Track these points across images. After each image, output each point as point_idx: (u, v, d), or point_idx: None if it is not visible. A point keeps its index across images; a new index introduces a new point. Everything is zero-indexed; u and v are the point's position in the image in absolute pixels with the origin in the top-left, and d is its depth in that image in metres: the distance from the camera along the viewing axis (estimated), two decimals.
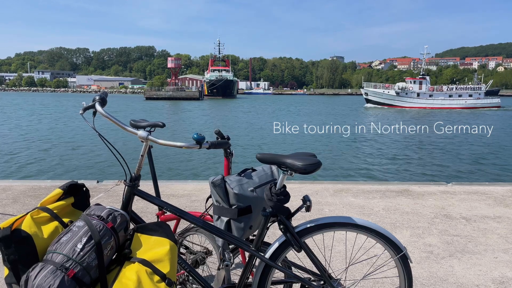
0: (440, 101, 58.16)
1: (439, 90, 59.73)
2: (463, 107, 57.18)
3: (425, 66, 63.93)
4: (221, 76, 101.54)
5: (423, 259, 3.55)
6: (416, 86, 59.29)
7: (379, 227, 1.89)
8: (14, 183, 6.07)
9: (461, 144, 21.81)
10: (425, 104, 58.12)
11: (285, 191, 1.84)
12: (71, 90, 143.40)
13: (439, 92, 59.01)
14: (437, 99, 58.40)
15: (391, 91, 60.14)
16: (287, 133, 25.66)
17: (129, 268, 1.57)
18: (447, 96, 58.52)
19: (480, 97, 58.48)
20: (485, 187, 6.12)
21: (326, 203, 5.13)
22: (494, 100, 59.70)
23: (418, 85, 59.25)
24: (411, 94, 58.99)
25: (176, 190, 5.64)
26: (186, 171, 14.23)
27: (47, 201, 1.77)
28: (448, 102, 57.92)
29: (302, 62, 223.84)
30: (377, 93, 61.46)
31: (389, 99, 60.08)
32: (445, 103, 57.81)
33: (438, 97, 58.51)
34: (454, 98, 58.30)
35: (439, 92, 59.11)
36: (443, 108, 57.08)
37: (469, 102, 57.89)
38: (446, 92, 58.96)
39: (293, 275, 1.92)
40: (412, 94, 58.95)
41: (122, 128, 1.82)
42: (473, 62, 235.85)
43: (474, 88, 60.05)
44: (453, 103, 57.85)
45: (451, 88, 60.76)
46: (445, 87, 61.34)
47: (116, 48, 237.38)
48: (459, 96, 58.33)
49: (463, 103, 57.66)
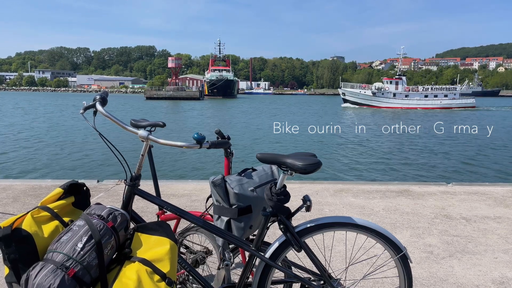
0: (415, 101, 58.97)
1: (415, 90, 60.67)
2: (438, 107, 58.02)
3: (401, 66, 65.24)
4: (221, 76, 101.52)
5: (423, 259, 3.55)
6: (393, 86, 60.13)
7: (379, 227, 1.89)
8: (15, 182, 6.08)
9: (461, 144, 21.81)
10: (401, 104, 58.90)
11: (285, 191, 1.84)
12: (71, 90, 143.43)
13: (415, 92, 59.92)
14: (413, 99, 59.23)
15: (368, 91, 60.93)
16: (287, 133, 25.67)
17: (129, 267, 1.57)
18: (423, 96, 59.41)
19: (455, 98, 59.41)
20: (485, 187, 6.12)
21: (326, 203, 5.13)
22: (469, 101, 60.70)
23: (394, 85, 60.11)
24: (387, 94, 59.83)
25: (176, 190, 5.64)
26: (186, 170, 14.24)
27: (48, 201, 1.77)
28: (424, 102, 58.72)
29: (303, 62, 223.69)
30: (354, 93, 62.17)
31: (365, 99, 60.85)
32: (420, 103, 58.61)
33: (414, 97, 59.37)
34: (429, 99, 59.23)
35: (415, 92, 60.02)
36: (418, 108, 57.87)
37: (444, 102, 58.72)
38: (422, 93, 59.90)
39: (293, 275, 1.92)
40: (388, 94, 59.78)
41: (123, 127, 1.82)
42: (474, 63, 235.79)
43: (449, 88, 61.22)
44: (428, 103, 58.66)
45: (426, 88, 61.71)
46: (420, 87, 62.33)
47: (117, 48, 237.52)
48: (435, 97, 59.26)
49: (438, 103, 58.53)
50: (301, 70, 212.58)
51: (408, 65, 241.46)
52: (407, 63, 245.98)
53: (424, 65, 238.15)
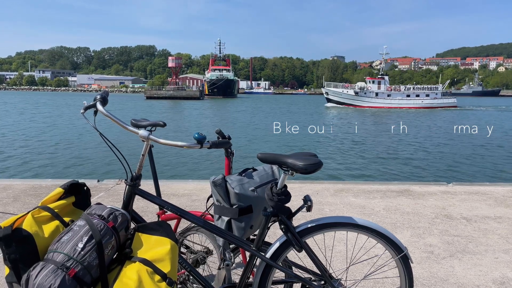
0: (397, 100, 59.54)
1: (397, 90, 61.14)
2: (420, 107, 58.52)
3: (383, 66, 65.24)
4: (221, 75, 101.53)
5: (423, 259, 3.55)
6: (375, 86, 60.61)
7: (380, 227, 1.89)
8: (15, 182, 6.07)
9: (461, 144, 21.81)
10: (383, 103, 59.39)
11: (286, 191, 1.84)
12: (71, 89, 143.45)
13: (397, 92, 60.44)
14: (395, 98, 59.77)
15: (350, 91, 61.43)
16: (288, 133, 25.67)
17: (130, 267, 1.57)
18: (405, 96, 60.00)
19: (437, 97, 59.95)
20: (485, 187, 6.11)
21: (326, 203, 5.12)
22: (450, 100, 61.39)
23: (376, 85, 60.56)
24: (369, 94, 60.28)
25: (176, 190, 5.64)
26: (187, 170, 14.24)
27: (48, 200, 1.77)
28: (405, 102, 59.31)
29: (303, 61, 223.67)
30: (337, 93, 62.61)
31: (348, 98, 61.29)
32: (402, 103, 59.18)
33: (396, 97, 59.91)
34: (411, 98, 59.78)
35: (397, 92, 60.55)
36: (400, 107, 58.44)
37: (425, 102, 59.32)
38: (404, 92, 60.46)
39: (294, 275, 1.92)
40: (371, 94, 60.25)
41: (123, 127, 1.82)
42: (474, 62, 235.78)
43: (431, 88, 61.61)
44: (410, 102, 59.25)
45: (408, 88, 62.21)
46: (402, 87, 62.86)
47: (117, 47, 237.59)
48: (417, 96, 59.82)
49: (420, 103, 59.05)
50: (302, 69, 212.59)
51: (408, 65, 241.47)
52: (407, 63, 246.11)
53: (424, 65, 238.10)
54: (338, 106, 61.03)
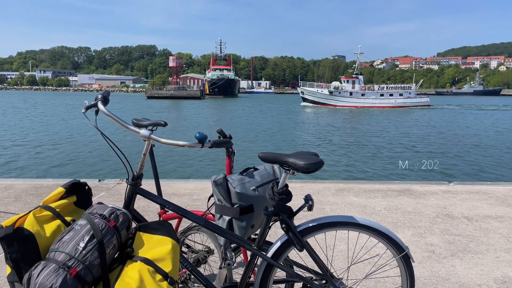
0: (371, 100, 60.13)
1: (371, 89, 61.78)
2: (394, 106, 59.12)
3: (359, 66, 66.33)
4: (222, 75, 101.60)
5: (424, 258, 3.55)
6: (349, 85, 61.17)
7: (381, 227, 1.89)
8: (16, 182, 6.08)
9: (462, 143, 21.78)
10: (357, 103, 59.91)
11: (287, 190, 1.84)
12: (72, 89, 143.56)
13: (371, 91, 61.07)
14: (369, 98, 60.34)
15: (324, 90, 62.13)
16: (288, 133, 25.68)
17: (131, 266, 1.57)
18: (379, 95, 60.58)
19: (411, 96, 60.62)
20: (487, 186, 6.11)
21: (327, 202, 5.12)
22: (423, 99, 62.06)
23: (351, 84, 61.12)
24: (344, 93, 60.87)
25: (178, 189, 5.64)
26: (188, 170, 14.25)
27: (50, 200, 1.77)
28: (379, 101, 59.89)
29: (304, 61, 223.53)
30: (312, 92, 63.22)
31: (323, 98, 61.86)
32: (376, 102, 59.75)
33: (370, 96, 60.51)
34: (385, 97, 60.39)
35: (371, 91, 61.16)
36: (374, 106, 58.92)
37: (399, 101, 59.96)
38: (378, 91, 61.08)
39: (295, 274, 1.92)
40: (345, 93, 60.82)
41: (125, 127, 1.82)
42: (475, 62, 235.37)
43: (404, 87, 62.23)
44: (383, 102, 59.85)
45: (382, 87, 62.97)
46: (376, 86, 63.52)
47: (118, 47, 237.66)
48: (390, 95, 60.44)
49: (393, 102, 59.72)
50: (302, 69, 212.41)
51: (409, 64, 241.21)
52: (408, 62, 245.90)
53: (425, 64, 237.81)
54: (313, 105, 61.68)
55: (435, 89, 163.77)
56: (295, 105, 63.58)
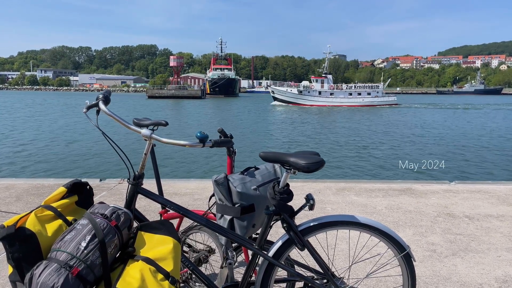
0: (339, 99, 60.83)
1: (339, 88, 62.37)
2: (362, 105, 59.86)
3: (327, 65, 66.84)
4: (223, 74, 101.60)
5: (426, 257, 3.54)
6: (318, 84, 61.98)
7: (382, 226, 1.89)
8: (18, 181, 6.09)
9: (463, 142, 21.76)
10: (325, 102, 60.59)
11: (288, 189, 1.84)
12: (73, 89, 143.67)
13: (339, 91, 61.78)
14: (338, 97, 61.05)
15: (294, 90, 62.79)
16: (288, 132, 25.67)
17: (133, 266, 1.57)
18: (347, 94, 61.30)
19: (378, 95, 61.33)
20: (488, 185, 6.10)
21: (328, 201, 5.12)
22: (390, 98, 62.90)
23: (320, 83, 61.87)
24: (313, 92, 61.61)
25: (179, 189, 5.64)
26: (189, 169, 14.26)
27: (51, 199, 1.77)
28: (347, 100, 60.61)
29: (304, 60, 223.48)
30: (281, 92, 63.85)
31: (292, 97, 62.41)
32: (344, 101, 60.41)
33: (338, 95, 61.22)
34: (353, 96, 61.09)
35: (339, 90, 61.84)
36: (342, 105, 59.57)
37: (366, 100, 60.70)
38: (346, 91, 61.82)
39: (296, 274, 1.92)
40: (314, 93, 61.57)
41: (126, 126, 1.82)
42: (476, 61, 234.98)
43: (372, 86, 63.01)
44: (351, 101, 60.54)
45: (350, 86, 63.60)
46: (344, 86, 64.03)
47: (119, 47, 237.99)
48: (358, 94, 61.19)
49: (361, 101, 60.39)
50: (303, 68, 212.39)
51: (410, 63, 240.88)
52: (409, 61, 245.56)
53: (426, 63, 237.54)
54: (283, 104, 62.26)
55: (436, 88, 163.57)
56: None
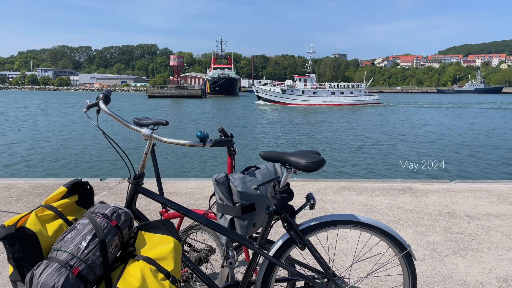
0: (322, 98, 61.26)
1: (322, 87, 62.84)
2: (344, 104, 60.35)
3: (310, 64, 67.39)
4: (223, 74, 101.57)
5: (426, 257, 3.54)
6: (302, 84, 62.28)
7: (383, 225, 1.89)
8: (18, 181, 6.09)
9: (464, 141, 21.76)
10: (308, 101, 60.98)
11: (289, 189, 1.84)
12: (73, 88, 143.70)
13: (322, 90, 62.24)
14: (321, 96, 61.47)
15: (277, 89, 63.26)
16: (288, 132, 25.67)
17: (134, 265, 1.57)
18: (330, 94, 61.81)
19: (361, 94, 61.92)
20: (488, 184, 6.10)
21: (329, 201, 5.12)
22: (373, 97, 63.49)
23: (303, 82, 62.21)
24: (296, 91, 61.90)
25: (179, 188, 5.65)
26: (189, 169, 14.26)
27: (52, 199, 1.77)
28: (330, 99, 61.10)
29: (305, 59, 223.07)
30: (265, 91, 64.35)
31: (275, 96, 62.78)
32: (327, 100, 60.90)
33: (321, 94, 61.63)
34: (336, 95, 61.63)
35: (322, 89, 62.32)
36: (325, 104, 59.94)
37: (349, 99, 61.26)
38: (329, 90, 62.40)
39: (297, 273, 1.92)
40: (297, 92, 61.86)
41: (126, 126, 1.82)
42: (476, 60, 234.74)
43: (354, 85, 63.57)
44: (334, 100, 61.05)
45: (333, 85, 64.10)
46: (327, 85, 64.54)
47: (119, 46, 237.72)
48: (341, 93, 61.77)
49: (344, 100, 60.96)
50: (303, 67, 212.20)
51: (410, 62, 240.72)
52: (409, 60, 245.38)
53: (426, 62, 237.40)
54: (267, 103, 62.61)
55: (436, 87, 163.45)
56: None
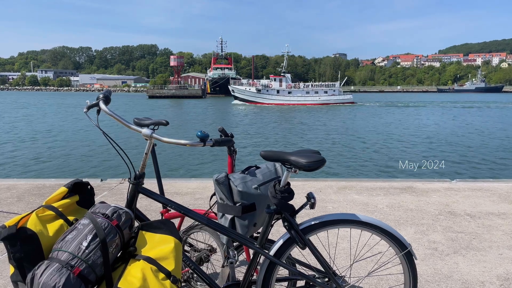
0: (297, 97, 61.88)
1: (297, 87, 63.40)
2: (318, 103, 60.95)
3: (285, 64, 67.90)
4: (223, 74, 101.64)
5: (427, 256, 3.54)
6: (277, 83, 62.94)
7: (383, 224, 1.89)
8: (19, 182, 6.10)
9: (465, 140, 21.74)
10: (283, 100, 61.47)
11: (289, 188, 1.84)
12: (74, 89, 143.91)
13: (297, 89, 62.82)
14: (295, 95, 62.06)
15: (252, 88, 63.69)
16: (289, 131, 25.68)
17: (134, 265, 1.58)
18: (305, 93, 62.42)
19: (335, 94, 62.62)
20: (489, 183, 6.09)
21: (329, 200, 5.12)
22: (346, 97, 64.21)
23: (278, 82, 62.85)
24: (271, 91, 62.50)
25: (180, 188, 5.65)
26: (190, 168, 14.26)
27: (52, 199, 1.77)
28: (304, 99, 61.73)
29: (305, 59, 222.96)
30: (241, 90, 64.87)
31: (251, 96, 63.26)
32: (301, 100, 61.50)
33: (296, 94, 62.22)
34: (310, 95, 62.19)
35: (297, 89, 62.88)
36: (300, 104, 60.45)
37: (323, 98, 61.90)
38: (304, 89, 62.99)
39: (298, 272, 1.92)
40: (273, 91, 62.45)
41: (126, 126, 1.82)
42: (477, 59, 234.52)
43: (328, 85, 64.42)
44: (308, 99, 61.67)
45: (307, 85, 64.94)
46: (302, 84, 65.25)
47: (119, 47, 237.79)
48: (316, 93, 62.39)
49: (318, 99, 61.59)
50: (303, 67, 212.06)
51: (410, 62, 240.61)
52: (409, 60, 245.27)
53: (427, 62, 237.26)
54: (243, 103, 62.99)
55: (437, 87, 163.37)
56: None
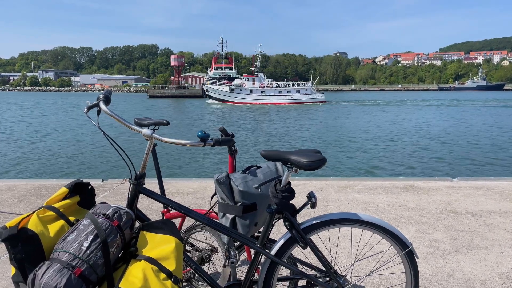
0: (270, 96, 62.66)
1: (269, 86, 64.04)
2: (291, 102, 61.68)
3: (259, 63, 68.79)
4: (224, 73, 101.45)
5: (429, 254, 3.54)
6: (250, 83, 63.72)
7: (385, 223, 1.88)
8: (20, 182, 6.10)
9: (465, 139, 21.72)
10: (256, 99, 62.30)
11: (290, 188, 1.84)
12: (75, 89, 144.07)
13: (270, 89, 63.57)
14: (268, 95, 62.81)
15: (225, 88, 64.61)
16: (288, 130, 25.66)
17: (135, 266, 1.57)
18: (277, 92, 63.19)
19: (307, 93, 63.27)
20: (490, 182, 6.08)
21: (331, 199, 5.12)
22: (318, 96, 64.87)
23: (251, 82, 63.60)
24: (244, 90, 63.34)
25: (180, 188, 5.65)
26: (190, 168, 14.26)
27: (53, 200, 1.77)
28: (276, 98, 62.49)
29: (305, 58, 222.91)
30: (214, 90, 65.74)
31: (224, 95, 64.04)
32: (273, 99, 62.27)
33: (269, 93, 62.96)
34: (283, 94, 62.98)
35: (270, 88, 63.59)
36: (273, 103, 61.09)
37: (295, 98, 62.64)
38: (276, 89, 63.79)
39: (299, 272, 1.92)
40: (246, 91, 63.29)
41: (127, 126, 1.82)
42: (478, 57, 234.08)
43: (301, 84, 65.28)
44: (281, 98, 62.41)
45: (280, 84, 65.67)
46: (274, 84, 65.80)
47: (119, 47, 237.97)
48: (288, 92, 63.13)
49: (290, 99, 62.37)
50: (304, 66, 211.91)
51: (411, 60, 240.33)
52: (410, 58, 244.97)
53: (428, 60, 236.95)
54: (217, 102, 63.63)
55: (438, 85, 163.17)
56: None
